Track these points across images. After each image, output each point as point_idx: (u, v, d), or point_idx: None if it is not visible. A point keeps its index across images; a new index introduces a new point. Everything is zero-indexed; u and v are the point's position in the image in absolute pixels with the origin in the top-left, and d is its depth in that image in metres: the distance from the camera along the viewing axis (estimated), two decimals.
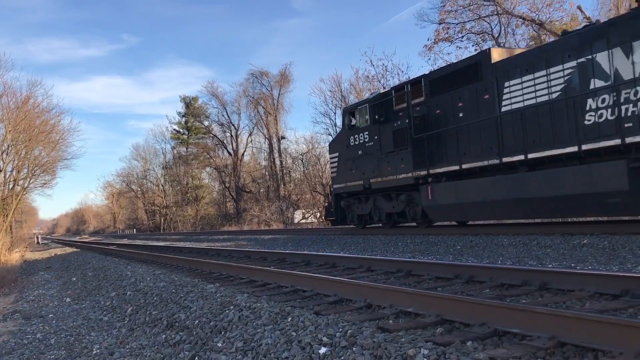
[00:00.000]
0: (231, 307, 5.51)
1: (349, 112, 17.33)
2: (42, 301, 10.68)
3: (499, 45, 27.44)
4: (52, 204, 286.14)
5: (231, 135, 58.67)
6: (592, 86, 9.99)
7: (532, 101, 11.17)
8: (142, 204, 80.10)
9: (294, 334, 4.21)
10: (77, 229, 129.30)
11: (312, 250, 13.71)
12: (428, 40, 30.44)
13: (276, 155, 50.05)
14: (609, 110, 9.66)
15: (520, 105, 11.41)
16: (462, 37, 29.04)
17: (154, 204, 74.74)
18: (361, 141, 16.57)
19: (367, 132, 16.28)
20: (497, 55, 12.34)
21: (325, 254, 10.62)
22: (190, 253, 16.32)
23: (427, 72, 15.49)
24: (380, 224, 16.78)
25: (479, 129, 12.56)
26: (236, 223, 48.50)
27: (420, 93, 14.27)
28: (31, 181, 34.87)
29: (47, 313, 8.92)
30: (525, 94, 11.29)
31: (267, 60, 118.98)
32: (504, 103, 11.84)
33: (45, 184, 37.41)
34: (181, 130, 70.09)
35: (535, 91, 11.05)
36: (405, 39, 76.91)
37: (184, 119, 69.45)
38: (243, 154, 57.25)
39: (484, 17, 28.05)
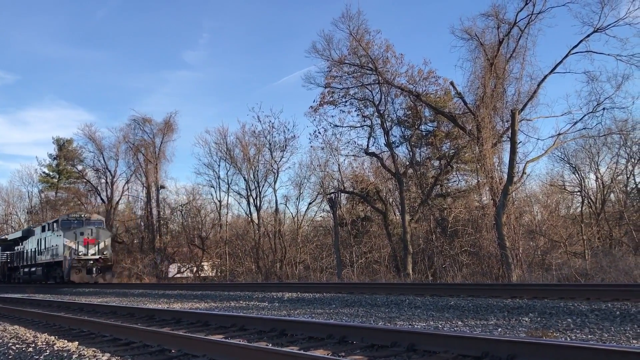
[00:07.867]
0: None
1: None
2: None
3: (379, 112, 29.01)
4: None
5: (106, 182, 55.73)
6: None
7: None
8: None
9: None
10: None
11: (185, 307, 13.15)
12: (314, 102, 31.28)
13: (154, 204, 48.11)
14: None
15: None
16: (346, 101, 30.29)
17: None
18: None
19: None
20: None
21: (197, 311, 10.22)
22: (50, 307, 15.01)
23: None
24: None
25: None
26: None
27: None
28: None
29: None
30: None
31: (152, 108, 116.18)
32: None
33: None
34: (51, 174, 65.64)
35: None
36: (292, 99, 78.82)
37: (55, 162, 65.30)
38: (118, 202, 54.51)
39: (367, 84, 29.50)
